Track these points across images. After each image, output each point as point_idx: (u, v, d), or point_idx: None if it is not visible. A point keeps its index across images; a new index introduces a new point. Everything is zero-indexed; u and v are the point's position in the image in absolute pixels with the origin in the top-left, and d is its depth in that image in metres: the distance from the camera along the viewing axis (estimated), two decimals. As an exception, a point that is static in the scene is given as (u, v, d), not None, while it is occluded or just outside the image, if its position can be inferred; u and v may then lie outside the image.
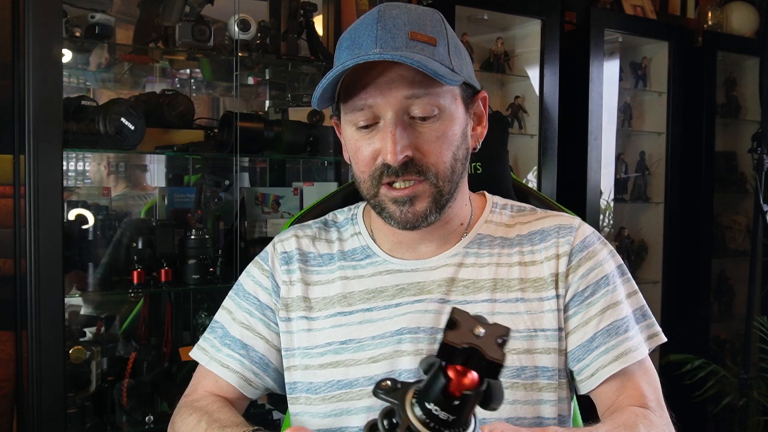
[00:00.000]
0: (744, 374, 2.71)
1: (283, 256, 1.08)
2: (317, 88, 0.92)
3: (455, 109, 0.96)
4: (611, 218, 3.25)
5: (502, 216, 1.07)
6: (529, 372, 0.96)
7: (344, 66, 0.89)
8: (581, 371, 0.99)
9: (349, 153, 1.01)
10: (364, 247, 1.06)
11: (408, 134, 0.92)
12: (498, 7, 2.74)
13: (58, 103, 1.76)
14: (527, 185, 1.33)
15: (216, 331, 1.10)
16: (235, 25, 2.13)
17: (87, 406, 1.96)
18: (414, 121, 0.93)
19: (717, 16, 3.36)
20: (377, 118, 0.93)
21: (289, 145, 2.26)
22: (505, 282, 1.00)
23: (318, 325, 1.03)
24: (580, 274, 1.00)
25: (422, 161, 0.93)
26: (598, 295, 1.00)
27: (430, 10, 0.97)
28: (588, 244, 1.02)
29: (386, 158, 0.92)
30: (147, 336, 2.21)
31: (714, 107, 3.25)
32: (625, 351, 0.98)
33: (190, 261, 2.09)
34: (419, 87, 0.91)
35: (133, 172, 2.61)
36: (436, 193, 0.95)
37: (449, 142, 0.95)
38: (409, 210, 0.95)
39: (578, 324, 0.99)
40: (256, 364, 1.06)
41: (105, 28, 2.01)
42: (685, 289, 3.21)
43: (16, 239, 1.93)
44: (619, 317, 0.99)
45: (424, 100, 0.92)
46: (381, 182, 0.95)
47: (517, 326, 0.97)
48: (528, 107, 2.88)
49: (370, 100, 0.92)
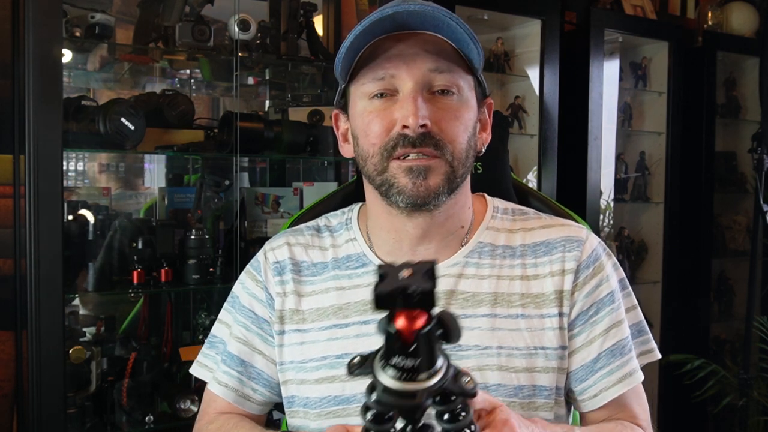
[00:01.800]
0: (744, 374, 2.71)
1: (275, 267, 1.04)
2: (344, 43, 0.89)
3: (471, 97, 0.95)
4: (611, 218, 3.25)
5: (503, 221, 1.04)
6: (527, 391, 0.94)
7: (383, 12, 0.87)
8: (584, 391, 0.98)
9: (356, 129, 0.96)
10: (360, 255, 1.02)
11: (428, 106, 0.90)
12: (498, 7, 2.73)
13: (58, 103, 1.76)
14: (527, 185, 1.32)
15: (216, 346, 1.08)
16: (235, 25, 2.13)
17: (87, 406, 1.96)
18: (433, 96, 0.91)
19: (717, 16, 3.36)
20: (395, 90, 0.91)
21: (289, 145, 2.25)
22: (506, 296, 0.97)
23: (311, 337, 1.00)
24: (585, 291, 0.97)
25: (440, 135, 0.90)
26: (602, 314, 0.98)
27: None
28: (594, 259, 0.99)
29: (407, 122, 0.88)
30: (147, 336, 2.21)
31: (714, 107, 3.24)
32: (629, 373, 0.97)
33: (190, 261, 2.09)
34: (444, 62, 0.90)
35: (132, 172, 2.61)
36: (450, 172, 0.92)
37: (466, 125, 0.93)
38: (422, 183, 0.90)
39: (582, 344, 0.97)
40: (254, 380, 1.04)
41: (105, 28, 2.01)
42: (685, 289, 3.20)
43: (16, 239, 1.93)
44: (623, 337, 0.98)
45: (446, 76, 0.91)
46: (392, 155, 0.91)
47: (517, 344, 0.94)
48: (528, 107, 2.88)
49: (392, 71, 0.90)
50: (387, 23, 0.88)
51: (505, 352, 0.94)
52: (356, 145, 0.97)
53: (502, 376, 0.93)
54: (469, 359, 0.93)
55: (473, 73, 0.96)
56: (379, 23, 0.88)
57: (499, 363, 0.93)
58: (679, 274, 3.18)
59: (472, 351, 0.94)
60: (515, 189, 1.25)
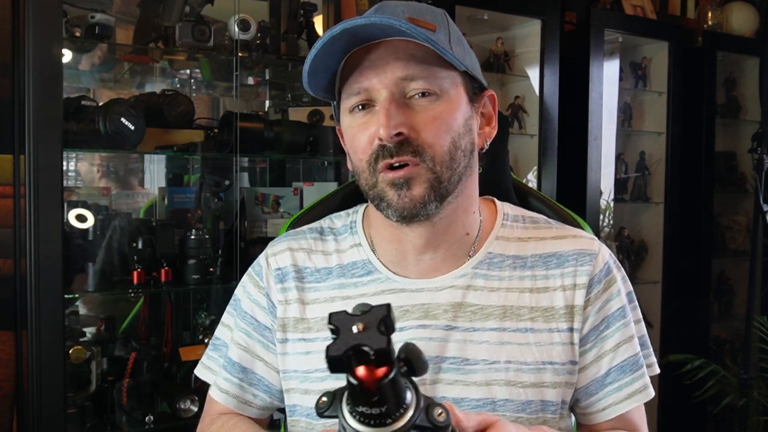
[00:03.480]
0: (744, 374, 2.71)
1: (277, 274, 1.02)
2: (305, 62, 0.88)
3: (456, 95, 0.91)
4: (611, 218, 3.25)
5: (514, 229, 1.00)
6: (535, 406, 0.92)
7: (332, 32, 0.85)
8: (591, 405, 0.97)
9: (347, 146, 0.95)
10: (365, 262, 1.00)
11: (403, 112, 0.87)
12: (498, 7, 2.74)
13: (58, 103, 1.76)
14: (527, 185, 1.32)
15: (219, 348, 1.07)
16: (235, 25, 2.13)
17: (87, 406, 1.96)
18: (411, 101, 0.88)
19: (717, 16, 3.36)
20: (373, 102, 0.89)
21: (289, 145, 2.25)
22: (515, 309, 0.95)
23: (317, 347, 0.97)
24: (597, 307, 0.96)
25: (417, 140, 0.87)
26: (612, 329, 0.96)
27: (432, 6, 0.95)
28: (606, 273, 0.97)
29: (380, 133, 0.86)
30: (147, 336, 2.21)
31: (714, 107, 3.25)
32: (639, 389, 0.96)
33: (190, 261, 2.09)
34: (415, 67, 0.87)
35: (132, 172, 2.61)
36: (433, 179, 0.88)
37: (448, 126, 0.89)
38: (406, 194, 0.88)
39: (593, 359, 0.96)
40: (255, 386, 1.03)
41: (105, 28, 2.01)
42: (685, 289, 3.21)
43: (16, 239, 1.93)
44: (634, 353, 0.97)
45: (421, 83, 0.88)
46: (377, 168, 0.89)
47: (526, 359, 0.93)
48: (528, 107, 2.88)
49: (365, 83, 0.88)
50: (345, 39, 0.87)
51: (514, 366, 0.92)
52: (350, 160, 0.96)
53: (510, 392, 0.92)
54: (476, 374, 0.92)
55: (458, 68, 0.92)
56: (339, 37, 0.86)
57: (507, 378, 0.92)
58: (679, 274, 3.18)
59: (480, 365, 0.92)
60: (515, 189, 1.24)
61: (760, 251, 2.77)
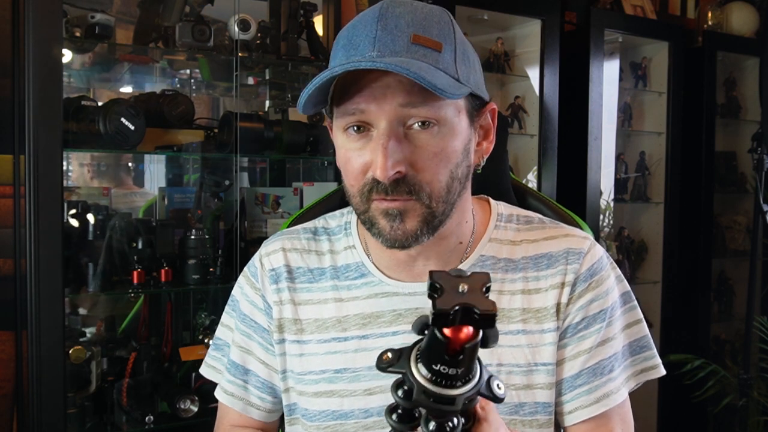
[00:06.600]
0: (744, 374, 2.71)
1: (271, 275, 1.01)
2: (303, 92, 0.83)
3: (458, 122, 0.86)
4: (611, 218, 3.25)
5: (507, 231, 0.99)
6: (529, 408, 0.91)
7: (333, 72, 0.80)
8: (561, 405, 0.95)
9: (339, 164, 0.91)
10: (359, 264, 0.99)
11: (402, 148, 0.82)
12: (498, 7, 2.74)
13: (58, 103, 1.76)
14: (527, 185, 1.32)
15: (222, 348, 1.07)
16: (235, 25, 2.13)
17: (87, 406, 1.96)
18: (410, 132, 0.83)
19: (717, 16, 3.36)
20: (370, 126, 0.84)
21: (289, 145, 2.26)
22: (507, 312, 0.94)
23: (310, 349, 0.98)
24: (579, 305, 0.94)
25: (416, 178, 0.84)
26: (591, 330, 0.94)
27: (438, 9, 0.88)
28: (595, 272, 0.95)
29: (376, 174, 0.82)
30: (147, 336, 2.21)
31: (714, 107, 3.24)
32: (607, 393, 0.94)
33: (190, 261, 2.09)
34: (417, 96, 0.81)
35: (132, 172, 2.61)
36: (427, 214, 0.86)
37: (447, 159, 0.85)
38: (399, 227, 0.86)
39: (567, 357, 0.94)
40: (258, 388, 1.03)
41: (105, 28, 2.01)
42: (685, 289, 3.21)
43: (16, 239, 1.93)
44: (606, 356, 0.95)
45: (422, 111, 0.82)
46: (371, 198, 0.86)
47: (518, 361, 0.92)
48: (528, 107, 2.88)
49: (363, 105, 0.83)
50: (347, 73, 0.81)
51: (506, 369, 0.92)
52: (341, 174, 0.92)
53: None
54: None
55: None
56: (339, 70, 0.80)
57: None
58: (679, 274, 3.18)
59: None
60: (514, 189, 1.24)
61: (760, 251, 2.78)
